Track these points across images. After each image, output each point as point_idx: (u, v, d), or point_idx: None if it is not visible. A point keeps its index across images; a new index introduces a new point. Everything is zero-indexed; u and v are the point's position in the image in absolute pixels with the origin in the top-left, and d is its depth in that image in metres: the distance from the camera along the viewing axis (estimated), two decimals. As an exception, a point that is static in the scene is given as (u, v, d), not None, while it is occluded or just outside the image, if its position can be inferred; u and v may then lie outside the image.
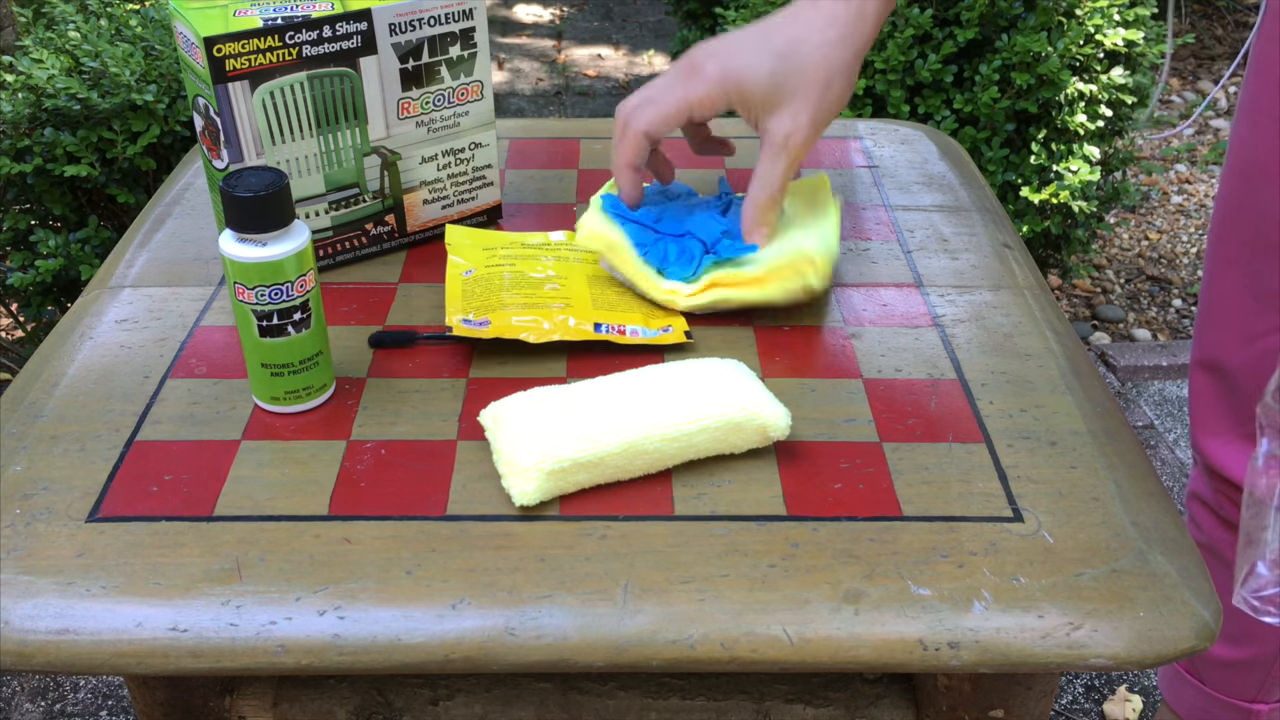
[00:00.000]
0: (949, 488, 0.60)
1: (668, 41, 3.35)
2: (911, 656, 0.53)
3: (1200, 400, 0.96)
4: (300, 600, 0.53)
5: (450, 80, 0.78)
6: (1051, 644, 0.53)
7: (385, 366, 0.70)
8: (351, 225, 0.79)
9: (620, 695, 0.74)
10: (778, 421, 0.61)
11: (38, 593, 0.54)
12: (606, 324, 0.72)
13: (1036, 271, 0.81)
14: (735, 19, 2.10)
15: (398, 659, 0.52)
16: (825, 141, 0.99)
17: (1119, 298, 2.29)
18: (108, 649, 0.52)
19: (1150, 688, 1.48)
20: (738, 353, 0.71)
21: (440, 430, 0.64)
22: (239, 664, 0.52)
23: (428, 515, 0.58)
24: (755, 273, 0.72)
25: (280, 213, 0.61)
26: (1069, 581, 0.55)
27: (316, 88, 0.73)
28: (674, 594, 0.54)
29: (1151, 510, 0.59)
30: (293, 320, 0.63)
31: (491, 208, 0.86)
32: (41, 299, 1.59)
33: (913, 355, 0.71)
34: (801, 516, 0.58)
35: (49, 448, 0.63)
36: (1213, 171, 2.73)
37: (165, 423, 0.65)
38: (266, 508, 0.59)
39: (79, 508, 0.58)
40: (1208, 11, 3.55)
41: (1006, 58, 1.76)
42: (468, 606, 0.53)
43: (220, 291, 0.77)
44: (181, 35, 0.71)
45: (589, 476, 0.59)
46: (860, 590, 0.54)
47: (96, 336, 0.72)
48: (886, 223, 0.86)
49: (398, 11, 0.74)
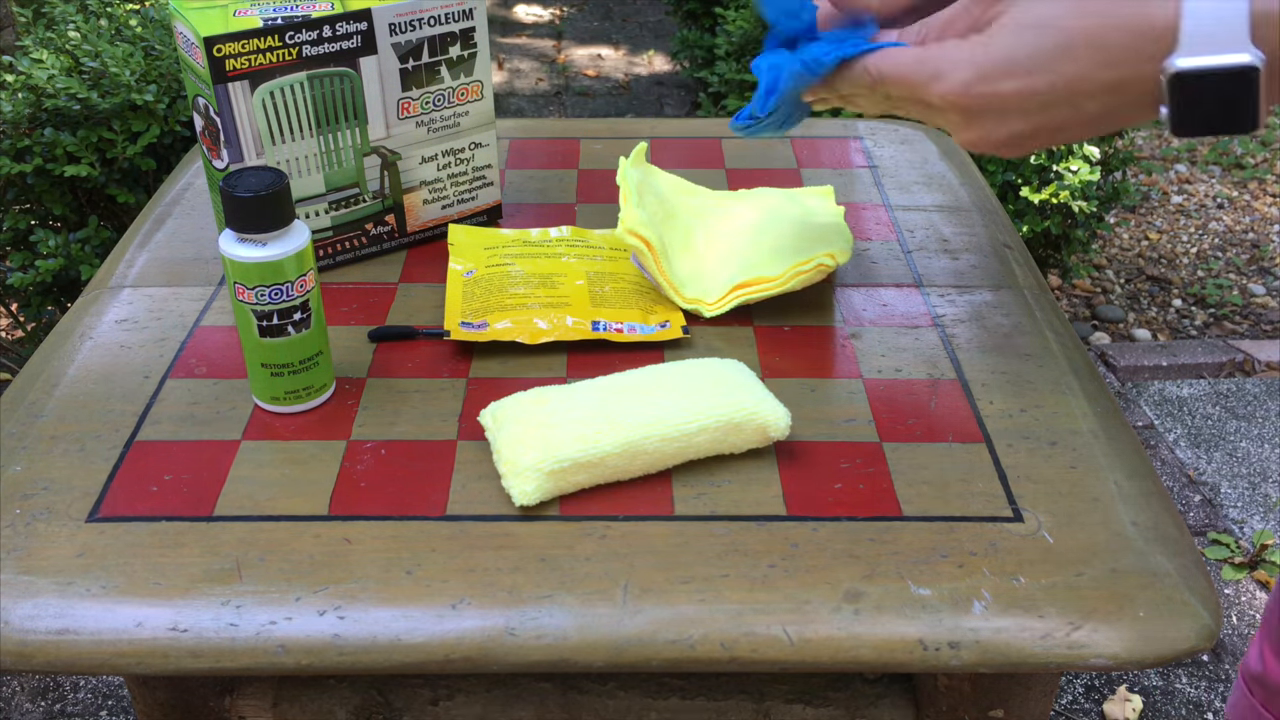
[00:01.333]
0: (949, 488, 0.60)
1: (668, 41, 3.35)
2: (911, 656, 0.53)
3: None
4: (300, 600, 0.53)
5: (450, 80, 0.78)
6: (1051, 644, 0.52)
7: (385, 366, 0.70)
8: (351, 225, 0.79)
9: (620, 695, 0.74)
10: (778, 421, 0.61)
11: (38, 593, 0.54)
12: (604, 322, 0.72)
13: (1036, 271, 0.81)
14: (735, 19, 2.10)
15: (398, 659, 0.52)
16: (825, 141, 0.99)
17: (1119, 298, 2.28)
18: (108, 649, 0.52)
19: (1150, 688, 1.48)
20: (738, 352, 0.71)
21: (440, 430, 0.64)
22: (239, 664, 0.52)
23: (428, 515, 0.58)
24: (777, 275, 0.73)
25: (280, 213, 0.61)
26: (1069, 581, 0.55)
27: (316, 88, 0.73)
28: (674, 594, 0.54)
29: (1151, 510, 0.59)
30: (293, 320, 0.63)
31: (491, 208, 0.86)
32: (41, 299, 1.59)
33: (913, 355, 0.71)
34: (801, 516, 0.58)
35: (49, 448, 0.63)
36: (1212, 171, 2.73)
37: (165, 423, 0.65)
38: (266, 508, 0.59)
39: (79, 508, 0.58)
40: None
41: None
42: (468, 606, 0.53)
43: (220, 291, 0.77)
44: (181, 35, 0.71)
45: (589, 476, 0.59)
46: (860, 590, 0.54)
47: (96, 336, 0.72)
48: (886, 223, 0.86)
49: (398, 11, 0.74)
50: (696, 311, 0.74)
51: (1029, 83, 0.53)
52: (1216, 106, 0.50)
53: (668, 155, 0.96)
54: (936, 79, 0.56)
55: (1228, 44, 0.49)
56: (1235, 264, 2.38)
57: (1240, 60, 0.49)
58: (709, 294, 0.75)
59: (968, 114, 0.56)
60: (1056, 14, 0.52)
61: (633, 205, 0.74)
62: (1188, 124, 0.51)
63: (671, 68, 3.36)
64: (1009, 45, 0.53)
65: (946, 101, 0.56)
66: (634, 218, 0.73)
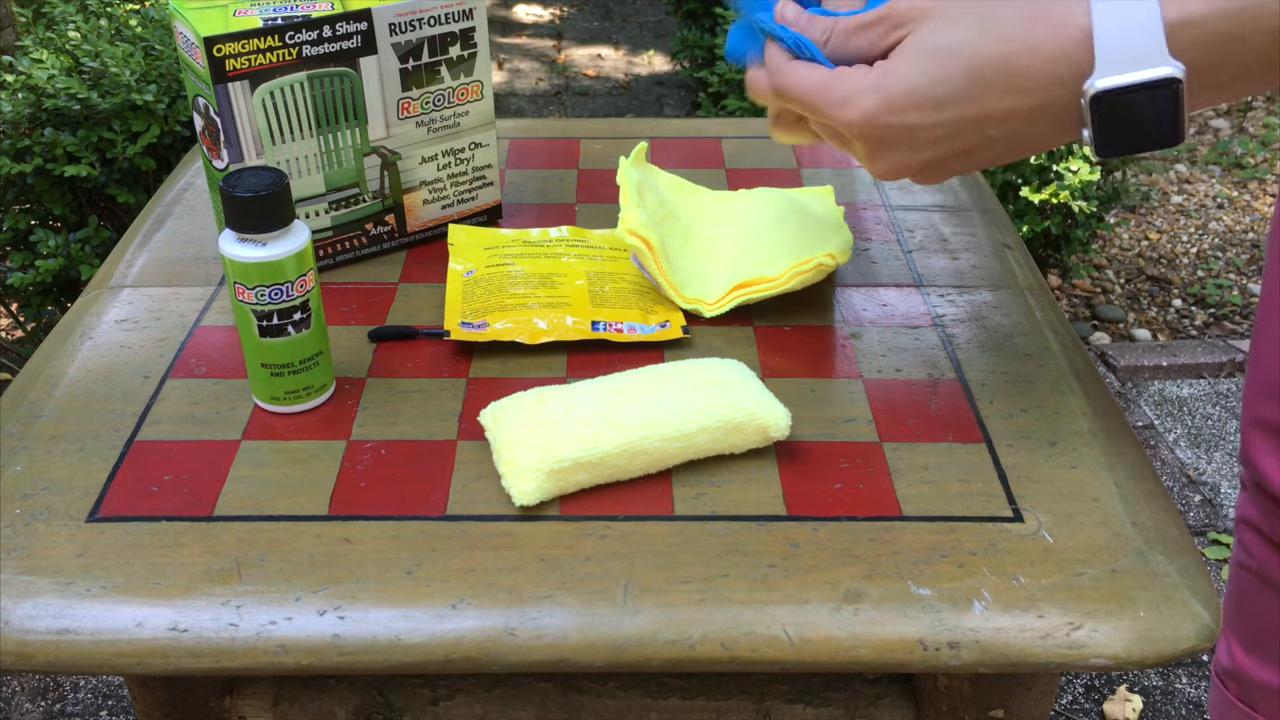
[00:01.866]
0: (949, 488, 0.60)
1: (668, 41, 3.35)
2: (911, 656, 0.53)
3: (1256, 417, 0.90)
4: (300, 600, 0.53)
5: (450, 80, 0.78)
6: (1051, 644, 0.52)
7: (385, 366, 0.70)
8: (351, 225, 0.79)
9: (620, 695, 0.74)
10: (778, 421, 0.61)
11: (38, 593, 0.54)
12: (604, 322, 0.72)
13: (1036, 271, 0.81)
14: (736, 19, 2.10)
15: (398, 659, 0.52)
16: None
17: (1119, 298, 2.28)
18: (108, 649, 0.52)
19: (1150, 688, 1.48)
20: (738, 352, 0.71)
21: (440, 430, 0.64)
22: (239, 664, 0.52)
23: (428, 515, 0.58)
24: (777, 275, 0.73)
25: (280, 213, 0.61)
26: (1069, 581, 0.55)
27: (316, 88, 0.73)
28: (674, 594, 0.54)
29: (1151, 510, 0.59)
30: (293, 320, 0.63)
31: (491, 208, 0.86)
32: (41, 299, 1.59)
33: (913, 355, 0.71)
34: (801, 516, 0.58)
35: (49, 448, 0.63)
36: (1212, 171, 2.73)
37: (165, 423, 0.65)
38: (266, 508, 0.59)
39: (79, 508, 0.58)
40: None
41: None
42: (468, 606, 0.53)
43: (220, 291, 0.77)
44: (181, 35, 0.71)
45: (589, 476, 0.59)
46: (860, 590, 0.54)
47: (96, 336, 0.72)
48: (886, 223, 0.86)
49: (398, 11, 0.74)
50: (696, 311, 0.74)
51: (938, 114, 0.51)
52: (1140, 123, 0.49)
53: (668, 155, 0.96)
54: (844, 105, 0.53)
55: (1145, 58, 0.47)
56: (1235, 264, 2.38)
57: (1161, 73, 0.48)
58: (709, 294, 0.75)
59: (877, 144, 0.54)
60: (963, 40, 0.51)
61: (633, 205, 0.74)
62: (1111, 144, 0.50)
63: (671, 68, 3.36)
64: (915, 73, 0.51)
65: (853, 131, 0.54)
66: (634, 218, 0.73)
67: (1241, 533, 0.87)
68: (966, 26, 0.51)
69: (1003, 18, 0.50)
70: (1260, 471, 0.79)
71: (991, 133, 0.52)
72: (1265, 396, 0.78)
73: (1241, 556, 0.84)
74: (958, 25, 0.51)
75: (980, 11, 0.51)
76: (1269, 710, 1.01)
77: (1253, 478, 0.81)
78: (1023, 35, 0.49)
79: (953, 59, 0.51)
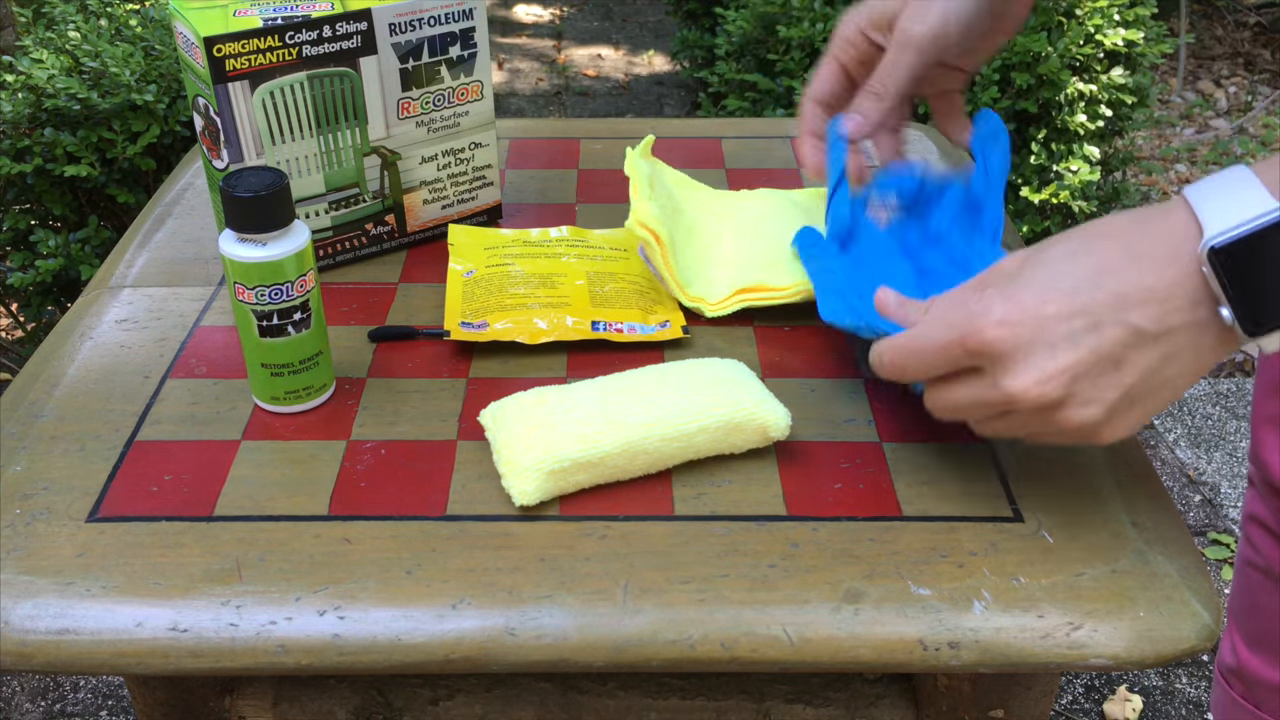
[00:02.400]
0: (949, 488, 0.60)
1: (668, 41, 3.35)
2: (911, 656, 0.53)
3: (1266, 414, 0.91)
4: (300, 600, 0.53)
5: (450, 80, 0.78)
6: (1051, 644, 0.53)
7: (385, 366, 0.70)
8: (351, 225, 0.79)
9: (620, 695, 0.74)
10: (778, 421, 0.61)
11: (38, 593, 0.54)
12: (604, 322, 0.72)
13: (1036, 271, 0.81)
14: (735, 19, 2.10)
15: (398, 659, 0.52)
16: (825, 141, 0.99)
17: (1119, 298, 2.28)
18: (108, 649, 0.52)
19: (1150, 688, 1.48)
20: (738, 352, 0.71)
21: (440, 430, 0.64)
22: (239, 664, 0.52)
23: (428, 515, 0.58)
24: (784, 287, 0.73)
25: (280, 213, 0.61)
26: (1069, 581, 0.55)
27: (316, 88, 0.73)
28: (674, 594, 0.54)
29: (1151, 510, 0.59)
30: (293, 320, 0.63)
31: (491, 208, 0.86)
32: (41, 299, 1.59)
33: (913, 355, 0.71)
34: (801, 516, 0.58)
35: (49, 448, 0.63)
36: (1213, 171, 2.73)
37: (165, 423, 0.65)
38: (266, 508, 0.59)
39: (79, 508, 0.58)
40: (1208, 11, 3.55)
41: (1006, 58, 1.76)
42: (468, 606, 0.53)
43: (220, 291, 0.77)
44: (181, 35, 0.71)
45: (589, 476, 0.59)
46: (860, 590, 0.54)
47: (96, 336, 0.72)
48: (886, 223, 0.86)
49: (398, 11, 0.74)
50: (698, 311, 0.74)
51: (1073, 301, 0.49)
52: (1270, 272, 0.47)
53: (668, 155, 0.96)
54: (969, 324, 0.50)
55: (1248, 205, 0.47)
56: (1235, 264, 2.38)
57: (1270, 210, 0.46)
58: (711, 294, 0.75)
59: (1011, 352, 0.50)
60: (1077, 248, 0.50)
61: (644, 197, 0.73)
62: (1250, 302, 0.47)
63: (671, 68, 3.36)
64: (1043, 275, 0.50)
65: (984, 345, 0.50)
66: (645, 210, 0.72)
67: (1249, 530, 0.86)
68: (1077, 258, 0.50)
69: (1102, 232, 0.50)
70: (1270, 469, 0.79)
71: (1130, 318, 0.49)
72: (1275, 393, 0.78)
73: (1249, 554, 0.84)
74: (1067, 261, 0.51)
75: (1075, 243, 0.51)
76: (1273, 707, 1.01)
77: (1262, 475, 0.80)
78: (1131, 226, 0.50)
79: (1077, 257, 0.50)
